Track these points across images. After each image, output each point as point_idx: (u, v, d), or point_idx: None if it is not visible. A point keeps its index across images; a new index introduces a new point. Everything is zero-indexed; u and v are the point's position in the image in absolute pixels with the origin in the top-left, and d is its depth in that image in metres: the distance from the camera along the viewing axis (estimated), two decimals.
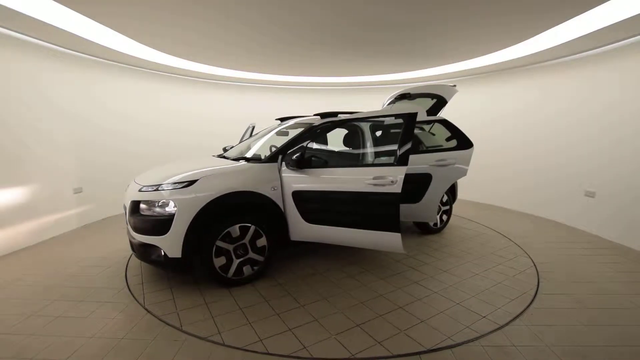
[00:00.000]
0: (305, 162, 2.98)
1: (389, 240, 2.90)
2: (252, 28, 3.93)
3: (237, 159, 3.40)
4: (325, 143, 3.71)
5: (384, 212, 2.87)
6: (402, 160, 2.85)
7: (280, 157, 3.14)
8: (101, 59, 5.20)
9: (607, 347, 2.15)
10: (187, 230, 2.71)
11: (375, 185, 2.84)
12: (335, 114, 3.61)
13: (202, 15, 3.54)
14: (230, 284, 2.96)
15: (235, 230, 2.88)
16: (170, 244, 2.72)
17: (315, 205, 3.10)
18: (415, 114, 2.95)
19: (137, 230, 2.82)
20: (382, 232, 2.91)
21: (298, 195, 3.08)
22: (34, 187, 4.14)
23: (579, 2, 3.14)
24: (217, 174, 2.94)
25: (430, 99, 4.24)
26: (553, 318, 2.49)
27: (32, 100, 4.17)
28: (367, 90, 7.83)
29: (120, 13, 3.48)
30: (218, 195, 2.80)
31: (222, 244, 2.85)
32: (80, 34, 4.07)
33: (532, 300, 2.75)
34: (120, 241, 4.19)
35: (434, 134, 4.42)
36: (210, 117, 7.25)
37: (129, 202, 2.91)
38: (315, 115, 3.82)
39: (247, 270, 3.00)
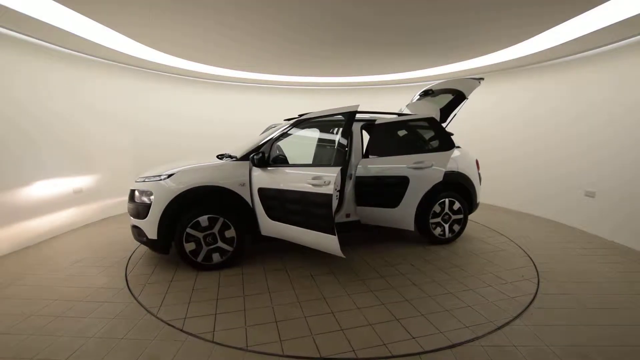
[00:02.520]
0: (262, 160, 3.20)
1: (328, 241, 2.90)
2: (278, 23, 3.90)
3: (223, 157, 3.63)
4: (297, 143, 3.82)
5: (320, 213, 2.87)
6: (337, 161, 2.86)
7: (252, 155, 3.32)
8: (103, 60, 5.21)
9: (607, 347, 2.15)
10: (161, 216, 3.10)
11: (314, 185, 2.88)
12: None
13: (215, 15, 3.54)
14: (200, 268, 3.27)
15: (204, 220, 3.17)
16: (149, 227, 3.15)
17: (274, 203, 3.21)
18: (354, 112, 2.94)
19: (130, 214, 3.35)
20: (321, 233, 2.91)
21: (261, 192, 3.25)
22: (34, 187, 4.14)
23: (580, 2, 3.14)
24: (190, 170, 3.30)
25: (450, 94, 4.03)
26: (553, 318, 2.49)
27: (31, 100, 4.18)
28: (373, 90, 7.83)
29: (116, 11, 3.49)
30: (187, 188, 3.15)
31: (192, 231, 3.16)
32: (79, 34, 4.09)
33: (532, 300, 2.75)
34: (120, 241, 4.19)
35: (451, 134, 4.19)
36: (223, 119, 7.33)
37: (129, 190, 3.39)
38: (299, 115, 3.87)
39: (216, 257, 3.27)
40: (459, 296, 2.84)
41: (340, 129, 4.06)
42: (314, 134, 3.98)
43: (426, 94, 4.28)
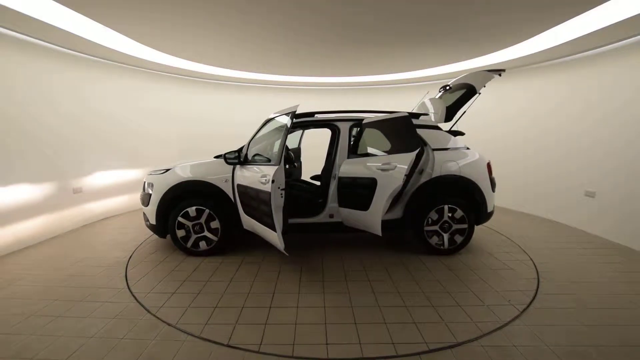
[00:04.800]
0: (237, 159, 3.45)
1: (273, 237, 3.02)
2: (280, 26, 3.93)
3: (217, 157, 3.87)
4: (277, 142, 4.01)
5: (265, 209, 3.01)
6: (277, 159, 3.00)
7: (225, 154, 3.54)
8: (102, 60, 5.21)
9: (607, 347, 2.15)
10: (158, 204, 3.60)
11: (262, 183, 3.04)
12: (312, 114, 3.86)
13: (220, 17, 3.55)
14: (189, 253, 3.69)
15: (192, 210, 3.55)
16: (150, 213, 3.68)
17: (244, 199, 3.44)
18: (294, 112, 3.08)
19: (141, 202, 3.86)
20: (267, 229, 3.04)
21: (238, 189, 3.52)
22: (34, 187, 4.14)
23: (579, 3, 3.14)
24: (182, 166, 3.75)
25: (463, 89, 3.80)
26: (553, 318, 2.49)
27: (33, 99, 4.18)
28: (374, 90, 7.84)
29: (121, 14, 3.49)
30: (179, 181, 3.60)
31: (183, 220, 3.57)
32: (82, 34, 4.09)
33: (532, 300, 2.75)
34: (120, 241, 4.19)
35: (463, 133, 3.99)
36: (224, 119, 7.35)
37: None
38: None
39: (202, 245, 3.65)
40: (412, 312, 2.58)
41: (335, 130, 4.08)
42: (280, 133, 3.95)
43: (445, 90, 4.10)
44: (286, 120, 3.09)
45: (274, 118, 3.45)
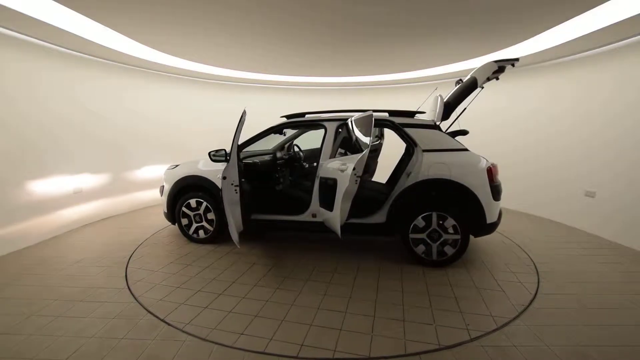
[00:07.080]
0: (216, 156, 3.72)
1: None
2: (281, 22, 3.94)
3: None
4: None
5: (222, 205, 3.23)
6: (231, 157, 3.20)
7: (210, 152, 3.81)
8: (104, 60, 5.21)
9: (607, 347, 2.15)
10: (168, 196, 4.12)
11: (219, 179, 3.32)
12: (302, 114, 4.02)
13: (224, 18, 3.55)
14: (191, 240, 4.16)
15: (193, 202, 4.00)
16: (164, 203, 4.23)
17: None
18: (244, 112, 3.25)
19: (160, 193, 4.34)
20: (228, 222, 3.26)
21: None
22: (34, 187, 4.15)
23: (580, 1, 3.13)
24: (187, 163, 4.28)
25: (466, 84, 3.69)
26: (553, 318, 2.49)
27: (34, 99, 4.18)
28: (374, 90, 7.84)
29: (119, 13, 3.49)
30: (182, 176, 4.07)
31: (185, 210, 4.04)
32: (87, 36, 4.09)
33: (532, 300, 2.75)
34: (120, 241, 4.20)
35: (466, 132, 3.74)
36: (225, 119, 7.31)
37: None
38: (281, 117, 4.09)
39: (201, 234, 4.08)
40: (347, 318, 2.50)
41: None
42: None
43: (457, 85, 3.94)
44: (240, 123, 3.29)
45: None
